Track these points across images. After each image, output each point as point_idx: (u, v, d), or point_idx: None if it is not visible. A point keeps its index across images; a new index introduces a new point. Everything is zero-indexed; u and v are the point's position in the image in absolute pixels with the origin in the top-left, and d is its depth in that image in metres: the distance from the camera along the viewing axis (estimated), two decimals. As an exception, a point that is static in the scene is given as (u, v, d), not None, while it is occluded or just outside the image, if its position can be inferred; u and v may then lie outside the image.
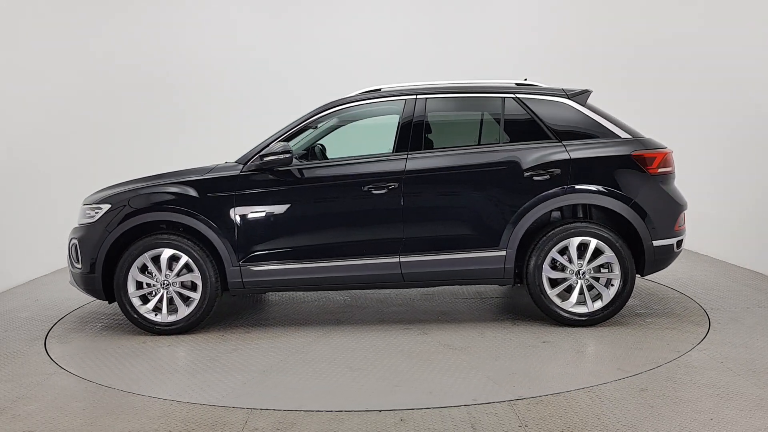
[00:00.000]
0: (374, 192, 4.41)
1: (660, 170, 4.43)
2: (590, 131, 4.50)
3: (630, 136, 4.50)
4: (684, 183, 5.28)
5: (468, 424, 3.01)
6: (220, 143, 7.60)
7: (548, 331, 4.40)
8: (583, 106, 4.57)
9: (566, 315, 4.42)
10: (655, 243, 4.39)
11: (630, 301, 5.07)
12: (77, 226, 4.70)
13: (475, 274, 4.47)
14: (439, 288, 5.58)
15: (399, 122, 4.58)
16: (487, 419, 3.05)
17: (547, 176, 4.37)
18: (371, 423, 3.05)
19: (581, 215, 4.67)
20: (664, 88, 7.59)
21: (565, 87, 4.75)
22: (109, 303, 4.65)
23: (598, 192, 4.39)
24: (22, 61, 6.55)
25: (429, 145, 4.62)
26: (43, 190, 6.88)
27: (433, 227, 4.44)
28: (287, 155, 4.41)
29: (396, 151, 4.51)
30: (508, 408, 3.17)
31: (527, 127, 4.55)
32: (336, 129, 5.30)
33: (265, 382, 3.64)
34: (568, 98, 4.59)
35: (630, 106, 7.29)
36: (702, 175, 6.83)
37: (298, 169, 4.53)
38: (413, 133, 4.53)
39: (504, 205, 4.41)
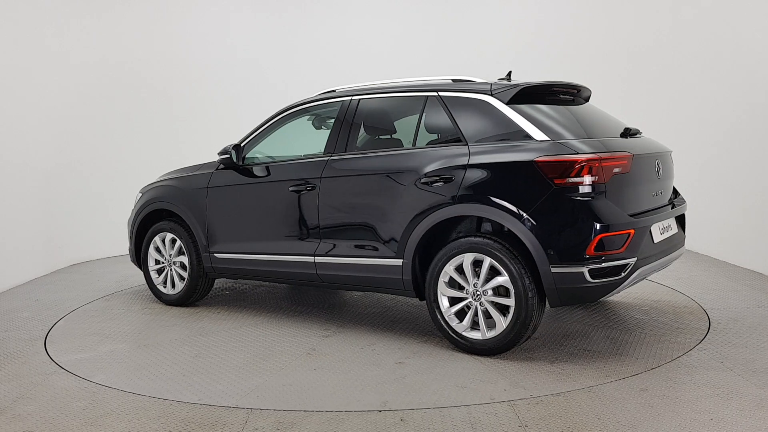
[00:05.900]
0: (298, 193, 4.56)
1: (572, 180, 3.58)
2: (505, 133, 3.89)
3: (548, 139, 3.72)
4: (684, 183, 5.28)
5: (468, 424, 3.01)
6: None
7: (426, 352, 4.01)
8: (505, 103, 3.93)
9: (458, 339, 3.95)
10: (555, 269, 3.61)
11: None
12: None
13: (377, 282, 4.30)
14: None
15: (333, 124, 4.66)
16: (487, 419, 3.05)
17: (441, 183, 3.96)
18: (371, 423, 3.05)
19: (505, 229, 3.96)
20: (664, 87, 7.60)
21: (497, 80, 4.25)
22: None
23: (486, 203, 3.79)
24: (21, 61, 6.55)
25: (357, 148, 4.52)
26: (42, 189, 6.88)
27: (342, 231, 4.39)
28: (226, 156, 4.89)
29: (325, 153, 4.56)
30: (508, 408, 3.17)
31: (442, 129, 4.20)
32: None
33: (120, 354, 4.17)
34: (491, 95, 4.01)
35: (630, 105, 7.32)
36: (702, 175, 6.84)
37: (248, 168, 4.90)
38: (340, 135, 4.53)
39: (399, 213, 4.11)
